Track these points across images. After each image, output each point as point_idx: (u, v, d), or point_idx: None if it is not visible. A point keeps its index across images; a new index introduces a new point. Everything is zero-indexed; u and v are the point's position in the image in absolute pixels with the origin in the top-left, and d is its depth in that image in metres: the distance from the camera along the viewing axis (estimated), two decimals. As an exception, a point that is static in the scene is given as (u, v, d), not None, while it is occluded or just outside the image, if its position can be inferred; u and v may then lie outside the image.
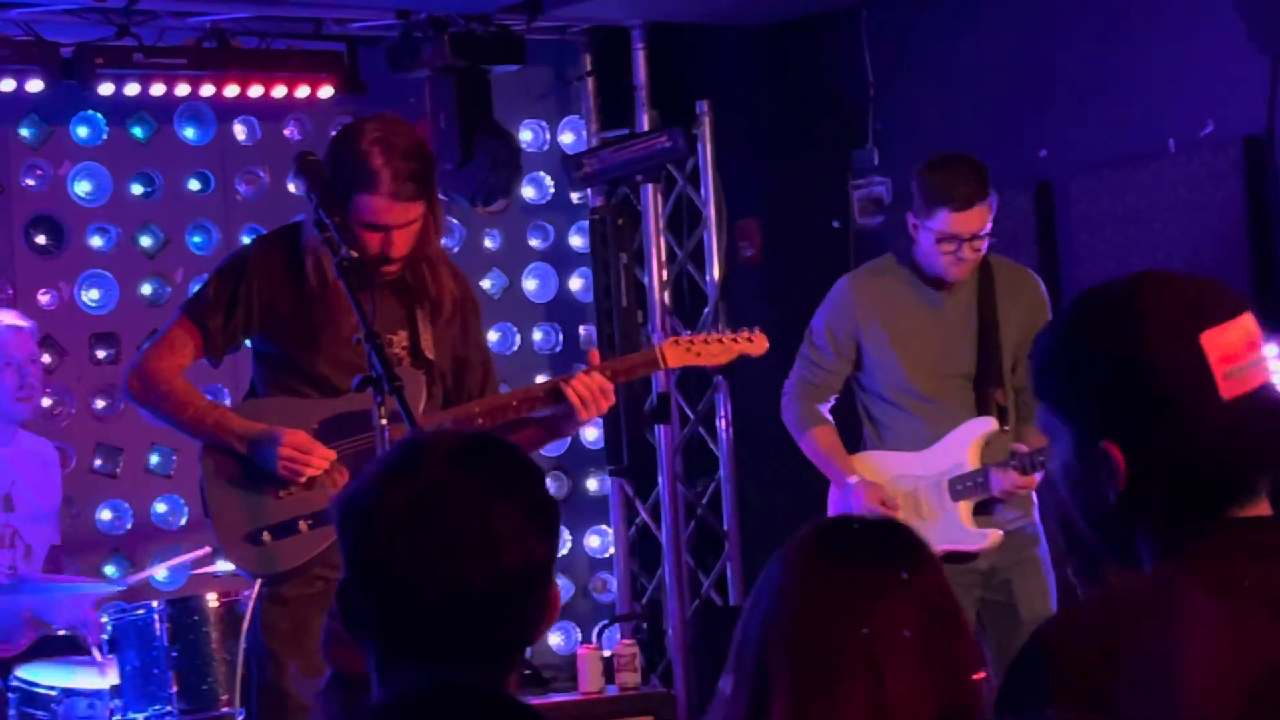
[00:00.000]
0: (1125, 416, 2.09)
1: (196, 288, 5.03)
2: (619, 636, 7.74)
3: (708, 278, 7.91)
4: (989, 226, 5.66)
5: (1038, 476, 5.57)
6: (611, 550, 8.22)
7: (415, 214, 4.70)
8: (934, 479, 5.74)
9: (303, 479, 4.71)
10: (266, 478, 4.75)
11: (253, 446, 4.71)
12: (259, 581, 4.82)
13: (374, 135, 4.69)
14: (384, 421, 4.29)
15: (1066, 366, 2.14)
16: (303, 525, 4.74)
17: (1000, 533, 5.70)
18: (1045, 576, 5.77)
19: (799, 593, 2.38)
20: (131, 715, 5.52)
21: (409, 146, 4.72)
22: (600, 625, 7.81)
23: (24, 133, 7.31)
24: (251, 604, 4.83)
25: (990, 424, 5.72)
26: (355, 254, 4.57)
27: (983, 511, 5.73)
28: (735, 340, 5.22)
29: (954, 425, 5.73)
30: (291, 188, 7.66)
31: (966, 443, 5.71)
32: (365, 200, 4.65)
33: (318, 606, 4.47)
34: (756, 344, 5.23)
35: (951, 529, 5.70)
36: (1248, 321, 2.11)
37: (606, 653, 7.44)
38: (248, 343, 4.95)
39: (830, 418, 5.94)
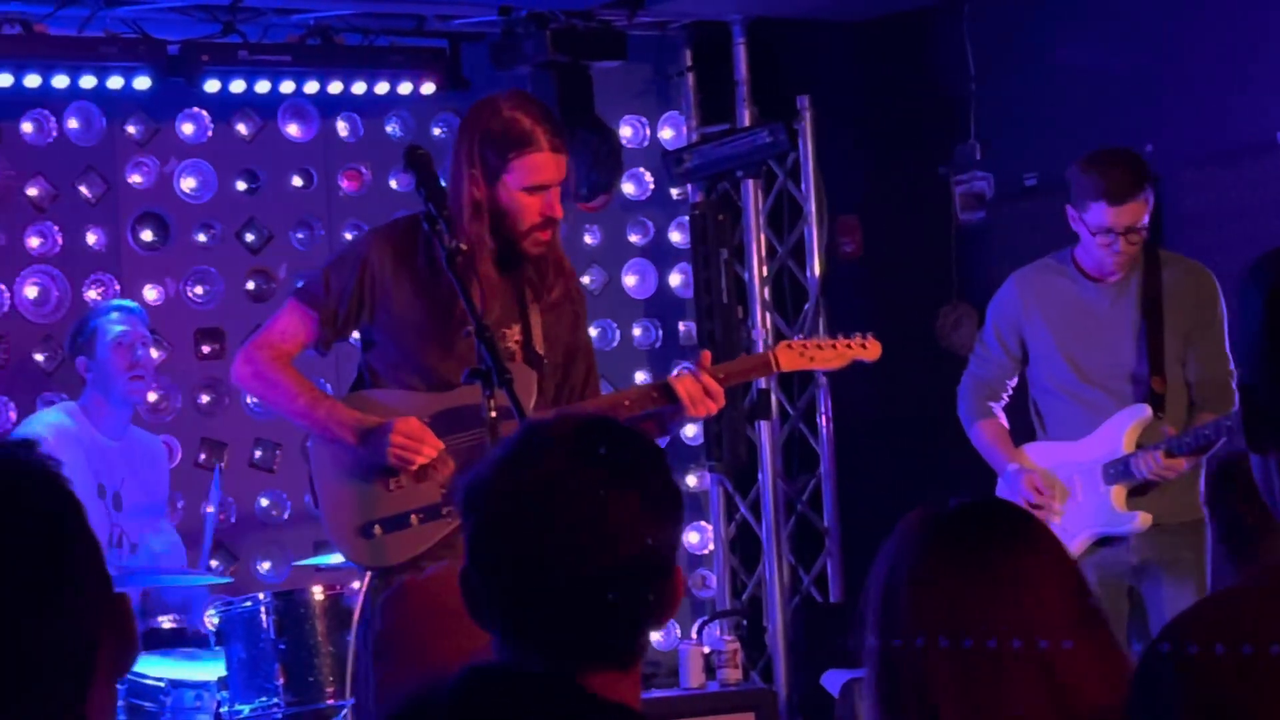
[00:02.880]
0: None
1: (310, 277, 5.04)
2: (718, 633, 7.73)
3: (808, 273, 7.89)
4: (1146, 220, 5.74)
5: (1186, 463, 5.63)
6: (711, 546, 8.21)
7: (565, 169, 4.75)
8: (1089, 465, 5.86)
9: (413, 467, 4.71)
10: (377, 470, 4.76)
11: (364, 438, 4.72)
12: (369, 574, 4.83)
13: (511, 103, 4.76)
14: (494, 415, 4.29)
15: None
16: (414, 519, 4.75)
17: (1149, 515, 5.76)
18: (1197, 579, 5.77)
19: (943, 579, 2.33)
20: (239, 707, 5.56)
21: (543, 107, 4.82)
22: (700, 621, 7.80)
23: (130, 129, 7.38)
24: (362, 596, 4.84)
25: (1146, 411, 5.80)
26: (465, 246, 4.59)
27: (1139, 498, 5.78)
28: (849, 345, 5.22)
29: (1112, 415, 5.82)
30: (394, 183, 7.79)
31: (1122, 430, 5.80)
32: (527, 161, 4.69)
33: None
34: (870, 350, 5.24)
35: (1102, 512, 5.81)
36: None
37: (708, 649, 7.43)
38: (354, 335, 4.97)
39: (1000, 412, 6.06)
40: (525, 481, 2.25)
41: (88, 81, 7.02)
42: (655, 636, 8.10)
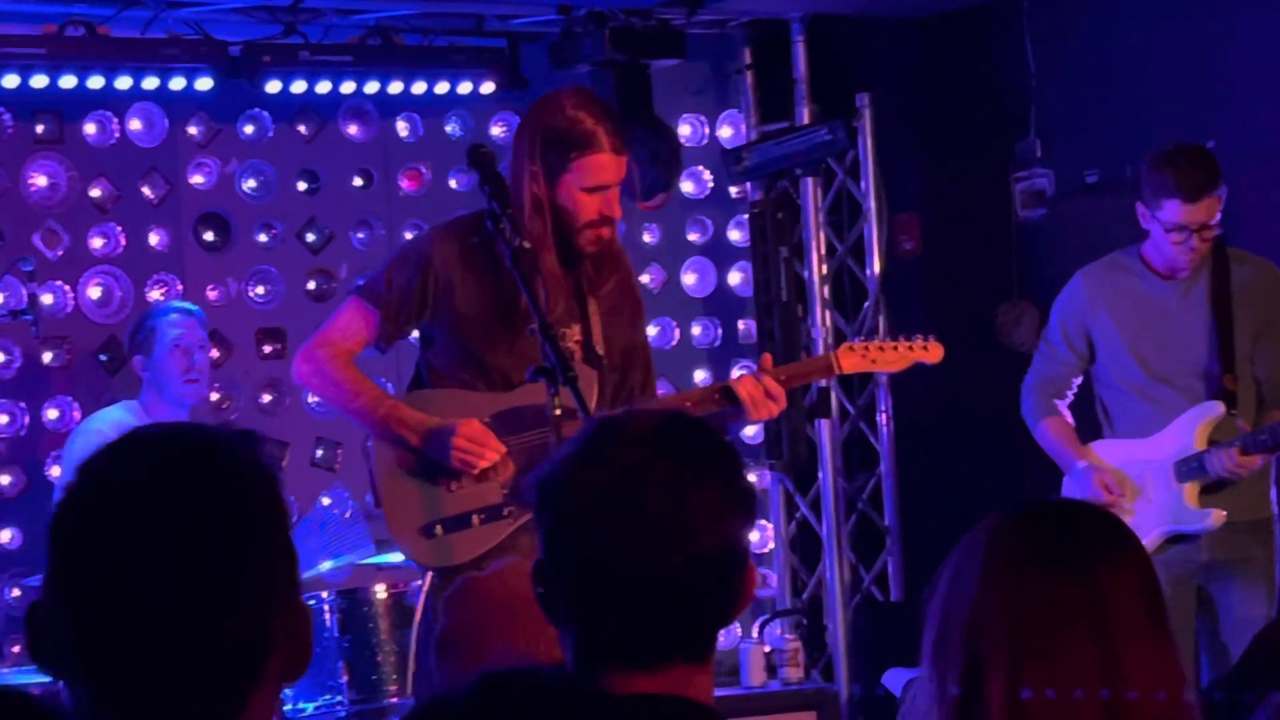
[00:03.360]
0: None
1: (370, 275, 5.04)
2: (779, 631, 7.72)
3: (868, 271, 7.87)
4: (1218, 217, 5.71)
5: (1260, 460, 5.61)
6: (771, 545, 8.20)
7: (625, 169, 4.76)
8: (1161, 463, 5.83)
9: (475, 470, 4.72)
10: (439, 470, 4.76)
11: (426, 439, 4.73)
12: (430, 573, 4.84)
13: (574, 102, 4.76)
14: (558, 413, 4.30)
15: None
16: (475, 519, 4.76)
17: (1224, 512, 5.73)
18: (1267, 578, 5.75)
19: (1008, 572, 2.29)
20: (302, 705, 5.59)
21: (605, 106, 4.82)
22: (761, 620, 7.80)
23: (192, 130, 7.42)
24: (424, 595, 4.86)
25: (1218, 408, 5.78)
26: (528, 244, 4.60)
27: (1211, 495, 5.76)
28: (911, 348, 5.21)
29: (1183, 412, 5.80)
30: (454, 183, 7.80)
31: (1194, 427, 5.78)
32: (589, 161, 4.69)
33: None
34: (932, 352, 5.24)
35: (1175, 510, 5.78)
36: None
37: (768, 648, 7.43)
38: (414, 333, 4.98)
39: (1065, 410, 6.03)
40: (606, 475, 2.25)
41: (150, 83, 7.06)
42: (716, 635, 8.10)
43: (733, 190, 8.25)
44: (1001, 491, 7.55)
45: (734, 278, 8.35)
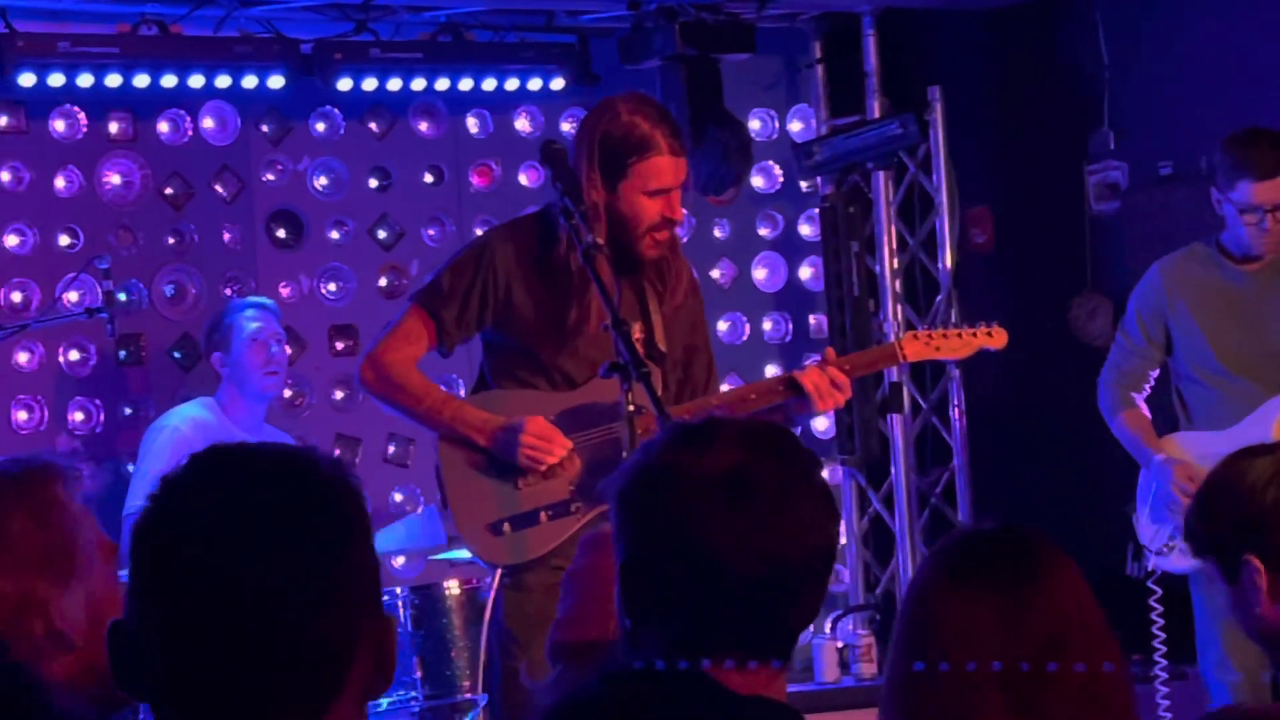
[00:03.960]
0: None
1: (429, 278, 5.04)
2: (851, 627, 7.70)
3: (940, 265, 7.83)
4: None
5: None
6: (843, 540, 8.18)
7: (685, 171, 4.76)
8: None
9: (543, 467, 4.73)
10: (505, 468, 4.78)
11: (493, 437, 4.74)
12: (499, 570, 4.85)
13: (630, 107, 4.76)
14: (631, 410, 4.30)
15: None
16: (543, 516, 4.77)
17: None
18: None
19: (926, 616, 2.37)
20: (376, 700, 5.60)
21: (661, 109, 4.83)
22: (834, 616, 7.78)
23: (264, 128, 7.46)
24: (493, 592, 4.87)
25: None
26: (600, 241, 4.60)
27: None
28: (975, 334, 5.20)
29: (1262, 403, 5.76)
30: (524, 179, 7.81)
31: (1272, 418, 5.73)
32: (649, 165, 4.69)
33: (558, 596, 4.50)
34: (996, 338, 5.22)
35: None
36: None
37: (841, 644, 7.41)
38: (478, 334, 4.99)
39: (1142, 403, 5.99)
40: (717, 470, 2.24)
41: (223, 81, 7.10)
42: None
43: (803, 185, 8.23)
44: (1075, 485, 7.51)
45: (805, 272, 8.33)
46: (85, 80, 6.89)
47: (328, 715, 1.80)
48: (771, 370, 8.02)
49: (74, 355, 7.14)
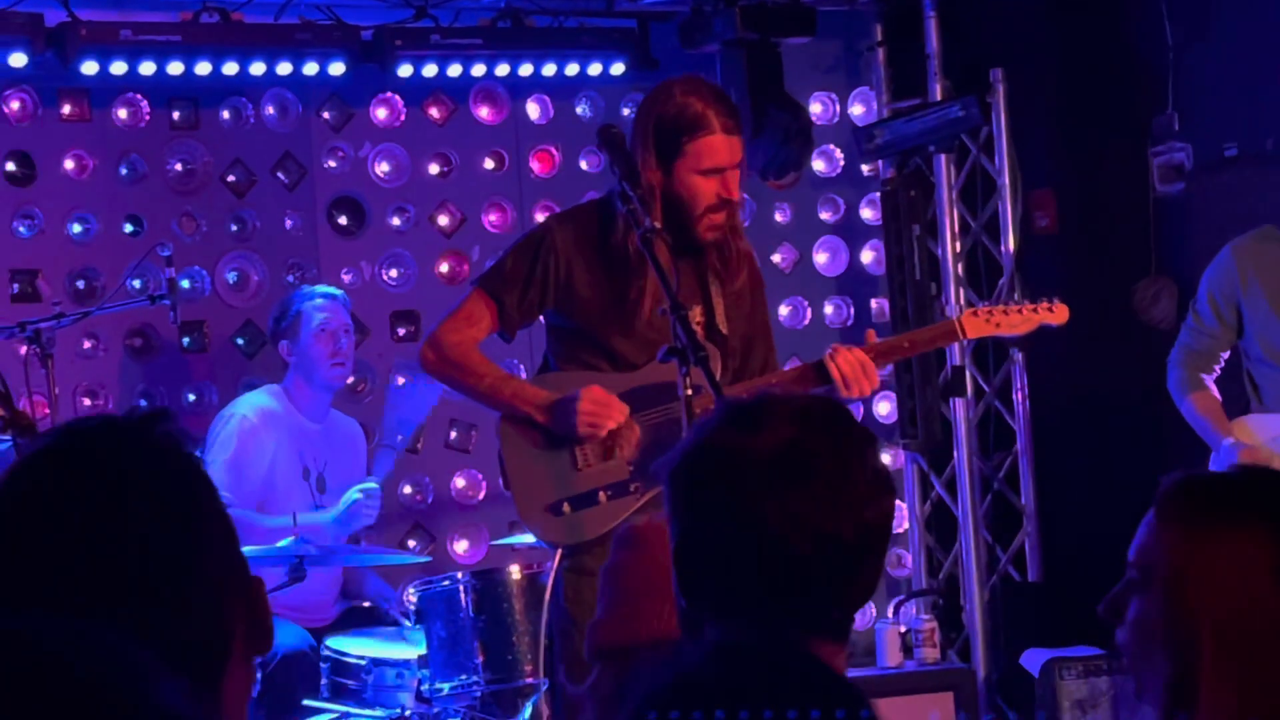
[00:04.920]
0: None
1: (492, 263, 5.08)
2: (914, 611, 7.68)
3: (1002, 249, 7.79)
4: None
5: None
6: (906, 525, 8.15)
7: (741, 151, 4.75)
8: None
9: (602, 433, 4.74)
10: (565, 448, 4.79)
11: (550, 411, 4.77)
12: (559, 552, 4.87)
13: (684, 88, 4.78)
14: (689, 392, 4.30)
15: None
16: (602, 496, 4.78)
17: None
18: None
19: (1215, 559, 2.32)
20: (439, 685, 5.61)
21: (716, 90, 4.84)
22: (896, 600, 7.75)
23: (325, 115, 7.48)
24: (552, 575, 4.88)
25: None
26: (659, 225, 4.60)
27: None
28: (1035, 310, 5.16)
29: None
30: (584, 164, 7.81)
31: None
32: (702, 144, 4.70)
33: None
34: (1057, 314, 5.18)
35: None
36: None
37: (904, 628, 7.39)
38: (540, 318, 5.00)
39: (1212, 385, 5.93)
40: (773, 446, 2.22)
41: (284, 69, 7.12)
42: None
43: (864, 168, 8.20)
44: (1140, 470, 7.45)
45: (866, 256, 8.30)
46: (147, 68, 6.92)
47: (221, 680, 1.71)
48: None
49: (137, 342, 7.18)
